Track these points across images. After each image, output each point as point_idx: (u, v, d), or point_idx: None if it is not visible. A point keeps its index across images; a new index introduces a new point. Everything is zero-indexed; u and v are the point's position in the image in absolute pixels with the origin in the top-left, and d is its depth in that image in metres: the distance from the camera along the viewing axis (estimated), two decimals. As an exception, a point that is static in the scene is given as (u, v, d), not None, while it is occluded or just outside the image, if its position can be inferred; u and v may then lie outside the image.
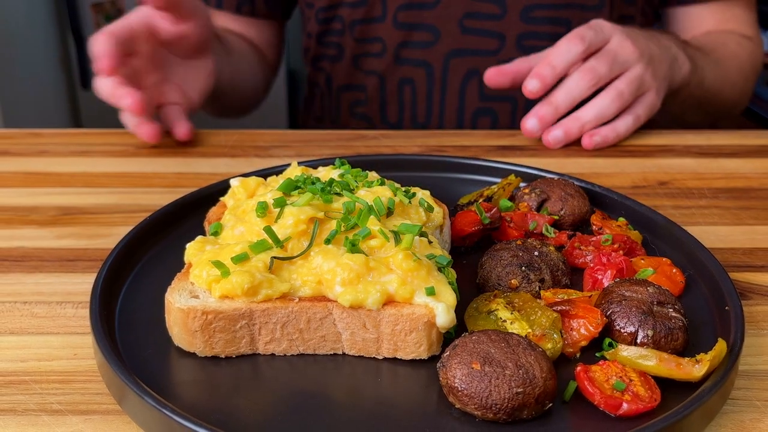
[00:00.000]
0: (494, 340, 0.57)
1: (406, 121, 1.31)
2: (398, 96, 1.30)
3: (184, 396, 0.59)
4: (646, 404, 0.56)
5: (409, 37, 1.25)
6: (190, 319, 0.62)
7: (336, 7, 1.29)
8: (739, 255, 0.82)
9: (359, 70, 1.31)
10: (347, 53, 1.31)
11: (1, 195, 0.95)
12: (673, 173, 1.03)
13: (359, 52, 1.30)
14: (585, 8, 1.23)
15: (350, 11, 1.27)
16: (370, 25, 1.27)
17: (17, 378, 0.62)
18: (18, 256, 0.81)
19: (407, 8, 1.24)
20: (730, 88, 1.31)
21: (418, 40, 1.26)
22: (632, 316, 0.63)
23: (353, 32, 1.28)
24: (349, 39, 1.29)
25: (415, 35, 1.25)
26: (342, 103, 1.36)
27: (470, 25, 1.23)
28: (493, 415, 0.55)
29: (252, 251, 0.64)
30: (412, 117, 1.30)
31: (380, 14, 1.25)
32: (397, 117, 1.31)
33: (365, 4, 1.25)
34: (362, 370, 0.63)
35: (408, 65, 1.27)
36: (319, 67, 1.38)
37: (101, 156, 1.07)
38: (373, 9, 1.25)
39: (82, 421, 0.57)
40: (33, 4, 3.55)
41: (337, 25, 1.30)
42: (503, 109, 1.27)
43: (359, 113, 1.34)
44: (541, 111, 1.07)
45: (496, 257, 0.71)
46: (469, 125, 1.29)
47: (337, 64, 1.33)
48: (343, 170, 0.76)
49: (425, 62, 1.26)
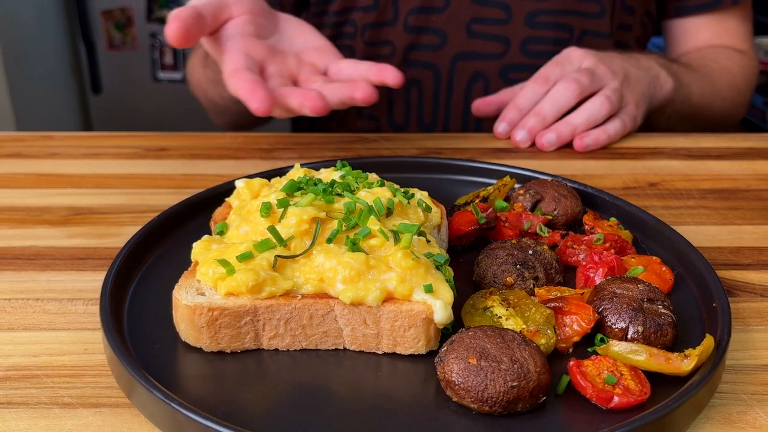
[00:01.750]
0: (490, 336, 0.57)
1: (412, 122, 1.31)
2: (405, 97, 1.30)
3: (190, 389, 0.59)
4: (637, 398, 0.56)
5: (418, 40, 1.26)
6: (196, 315, 0.62)
7: (348, 11, 1.29)
8: (726, 254, 0.82)
9: None
10: (358, 56, 1.31)
11: (15, 196, 0.95)
12: (663, 175, 1.03)
13: (369, 55, 1.30)
14: (587, 15, 1.23)
15: (362, 15, 1.27)
16: (381, 29, 1.27)
17: (30, 372, 0.62)
18: (31, 255, 0.81)
19: (418, 12, 1.24)
20: (720, 102, 1.31)
21: (426, 43, 1.26)
22: (623, 313, 0.63)
23: (364, 36, 1.28)
24: (360, 42, 1.29)
25: (423, 38, 1.25)
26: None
27: (477, 29, 1.23)
28: (489, 408, 0.55)
29: (256, 250, 0.64)
30: (418, 118, 1.31)
31: (392, 18, 1.26)
32: (404, 118, 1.32)
33: (377, 8, 1.26)
34: (363, 364, 0.63)
35: (416, 67, 1.28)
36: None
37: (111, 158, 1.07)
38: (385, 13, 1.26)
39: (92, 413, 0.57)
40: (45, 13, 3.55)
41: (350, 29, 1.30)
42: None
43: (366, 114, 1.34)
44: (529, 123, 1.08)
45: (492, 256, 0.71)
46: (473, 126, 1.29)
47: None
48: (344, 172, 0.76)
49: (433, 65, 1.27)
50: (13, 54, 3.21)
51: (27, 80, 3.33)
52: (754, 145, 1.14)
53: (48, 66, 3.54)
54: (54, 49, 3.60)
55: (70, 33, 3.70)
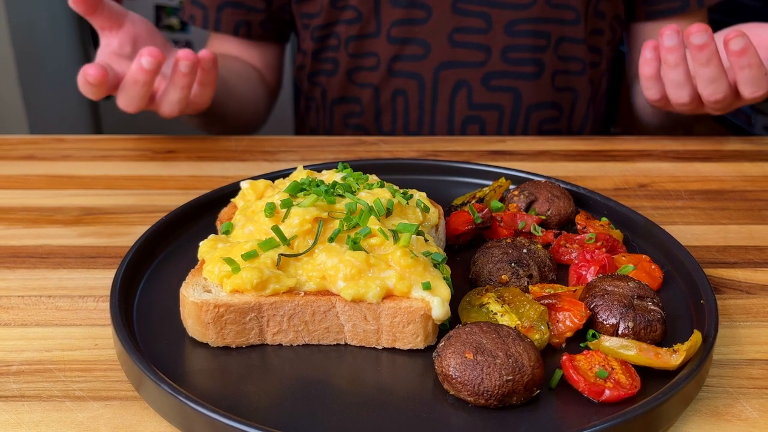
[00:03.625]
0: (486, 332, 0.57)
1: (399, 130, 1.31)
2: (392, 106, 1.29)
3: (197, 383, 0.59)
4: (627, 391, 0.56)
5: (402, 51, 1.25)
6: (203, 311, 0.61)
7: (332, 24, 1.28)
8: (713, 252, 0.82)
9: (354, 83, 1.31)
10: (342, 68, 1.30)
11: (28, 196, 0.95)
12: (652, 176, 1.03)
13: (354, 66, 1.29)
14: (563, 22, 1.23)
15: (346, 28, 1.26)
16: (365, 41, 1.26)
17: (42, 366, 0.62)
18: (43, 254, 0.80)
19: (400, 24, 1.23)
20: None
21: (410, 54, 1.25)
22: (614, 309, 0.63)
23: (348, 48, 1.27)
24: (344, 54, 1.29)
25: (407, 49, 1.25)
26: (336, 114, 1.35)
27: (459, 38, 1.23)
28: (484, 401, 0.55)
29: (261, 249, 0.64)
30: (404, 126, 1.30)
31: (375, 30, 1.25)
32: (391, 126, 1.31)
33: (361, 21, 1.25)
34: (363, 359, 0.63)
35: (401, 77, 1.27)
36: (314, 82, 1.37)
37: (120, 160, 1.07)
38: (368, 25, 1.25)
39: (103, 406, 0.57)
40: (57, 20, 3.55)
41: (333, 41, 1.29)
42: (490, 117, 1.27)
43: (353, 124, 1.34)
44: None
45: (488, 254, 0.71)
46: (458, 132, 1.29)
47: (332, 78, 1.32)
48: (346, 173, 0.76)
49: (417, 74, 1.26)
50: (26, 60, 3.21)
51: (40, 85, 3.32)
52: (739, 148, 1.14)
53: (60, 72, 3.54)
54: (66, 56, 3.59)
55: (81, 40, 3.69)
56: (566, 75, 1.28)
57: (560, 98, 1.29)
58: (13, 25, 3.13)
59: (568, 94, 1.30)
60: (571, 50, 1.26)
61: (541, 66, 1.24)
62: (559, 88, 1.28)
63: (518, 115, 1.27)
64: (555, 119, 1.30)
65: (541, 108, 1.28)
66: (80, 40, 3.70)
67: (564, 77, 1.28)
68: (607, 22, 1.30)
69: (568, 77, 1.28)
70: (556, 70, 1.26)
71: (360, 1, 1.23)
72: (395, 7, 1.22)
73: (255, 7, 1.30)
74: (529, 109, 1.27)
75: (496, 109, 1.27)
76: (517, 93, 1.25)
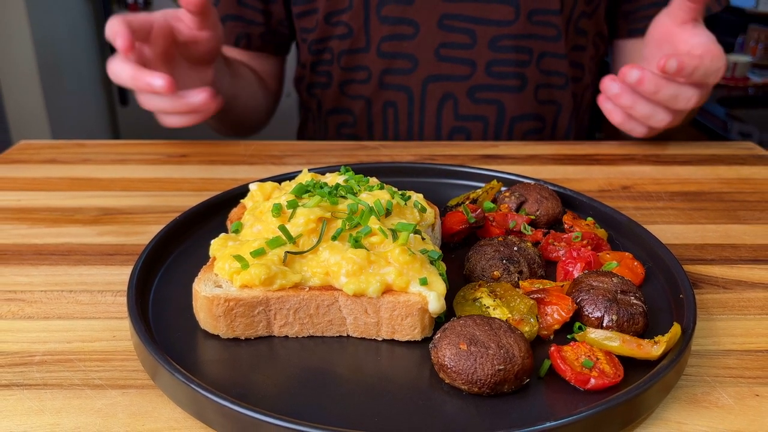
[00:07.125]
0: (479, 324, 0.57)
1: (390, 139, 1.31)
2: (383, 117, 1.29)
3: (209, 372, 0.59)
4: (611, 380, 0.56)
5: (391, 65, 1.25)
6: (214, 305, 0.61)
7: (326, 39, 1.28)
8: (691, 250, 0.82)
9: (346, 96, 1.30)
10: (336, 80, 1.30)
11: (50, 198, 0.95)
12: (635, 179, 1.03)
13: (346, 79, 1.29)
14: (545, 38, 1.23)
15: (338, 43, 1.26)
16: (356, 55, 1.26)
17: (64, 357, 0.62)
18: (64, 251, 0.80)
19: (389, 39, 1.23)
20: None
21: (399, 68, 1.25)
22: (599, 303, 0.63)
23: (341, 62, 1.27)
24: (337, 68, 1.28)
25: (396, 63, 1.24)
26: (330, 124, 1.35)
27: (445, 53, 1.22)
28: (477, 389, 0.55)
29: (268, 246, 0.64)
30: (395, 135, 1.30)
31: (365, 45, 1.24)
32: (382, 136, 1.31)
33: (352, 36, 1.24)
34: (364, 350, 0.62)
35: (391, 90, 1.27)
36: (311, 94, 1.37)
37: (137, 164, 1.07)
38: (359, 40, 1.24)
39: (120, 394, 0.57)
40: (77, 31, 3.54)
41: (327, 55, 1.29)
42: (476, 128, 1.27)
43: (346, 134, 1.34)
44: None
45: (481, 252, 0.71)
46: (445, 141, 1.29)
47: (326, 91, 1.32)
48: (348, 176, 0.76)
49: (406, 87, 1.26)
50: (48, 69, 3.21)
51: (61, 93, 3.32)
52: (716, 152, 1.14)
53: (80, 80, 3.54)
54: (86, 65, 3.59)
55: (100, 50, 3.69)
56: (549, 88, 1.28)
57: (543, 110, 1.29)
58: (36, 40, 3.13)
59: (551, 106, 1.29)
60: (553, 65, 1.25)
61: (524, 80, 1.24)
62: (542, 101, 1.28)
63: (502, 126, 1.27)
64: (538, 130, 1.30)
65: (525, 119, 1.28)
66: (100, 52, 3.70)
67: (547, 90, 1.27)
68: (589, 39, 1.29)
69: (550, 90, 1.28)
70: (539, 83, 1.26)
71: (351, 17, 1.23)
72: (384, 24, 1.22)
73: (254, 21, 1.30)
74: (513, 121, 1.27)
75: (481, 120, 1.26)
76: (501, 105, 1.25)
